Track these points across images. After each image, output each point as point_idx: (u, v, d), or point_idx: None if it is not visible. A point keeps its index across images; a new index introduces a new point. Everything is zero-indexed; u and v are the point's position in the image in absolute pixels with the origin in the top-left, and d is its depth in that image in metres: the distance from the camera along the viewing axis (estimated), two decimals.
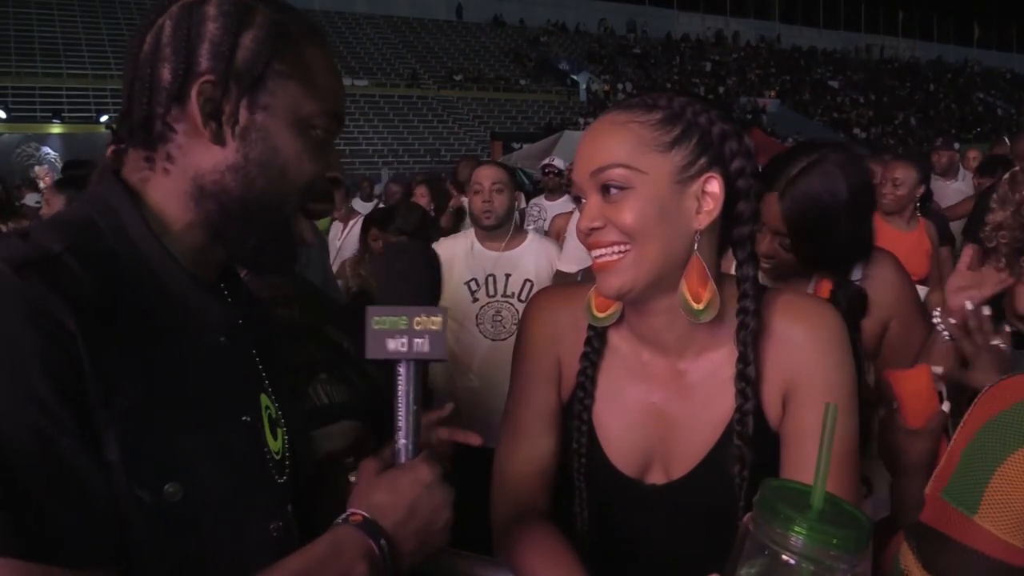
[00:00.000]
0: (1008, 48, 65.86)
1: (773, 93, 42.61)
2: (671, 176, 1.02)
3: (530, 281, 3.01)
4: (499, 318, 2.99)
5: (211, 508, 0.80)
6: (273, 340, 1.05)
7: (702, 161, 1.03)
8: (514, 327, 2.92)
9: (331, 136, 0.90)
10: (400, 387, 0.90)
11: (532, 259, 3.08)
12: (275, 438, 0.95)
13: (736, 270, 1.09)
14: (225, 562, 0.81)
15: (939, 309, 1.62)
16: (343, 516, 0.85)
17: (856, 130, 38.68)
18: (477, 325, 2.98)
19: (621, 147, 1.03)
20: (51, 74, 27.37)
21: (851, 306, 1.72)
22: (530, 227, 5.24)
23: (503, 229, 3.07)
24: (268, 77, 0.84)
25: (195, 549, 0.79)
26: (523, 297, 2.98)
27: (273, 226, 0.88)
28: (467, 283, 3.01)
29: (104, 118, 24.12)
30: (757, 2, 57.36)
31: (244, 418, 0.89)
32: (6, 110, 23.52)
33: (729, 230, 1.08)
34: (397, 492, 0.85)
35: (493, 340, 2.96)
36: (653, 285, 1.05)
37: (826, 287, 1.75)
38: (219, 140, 0.83)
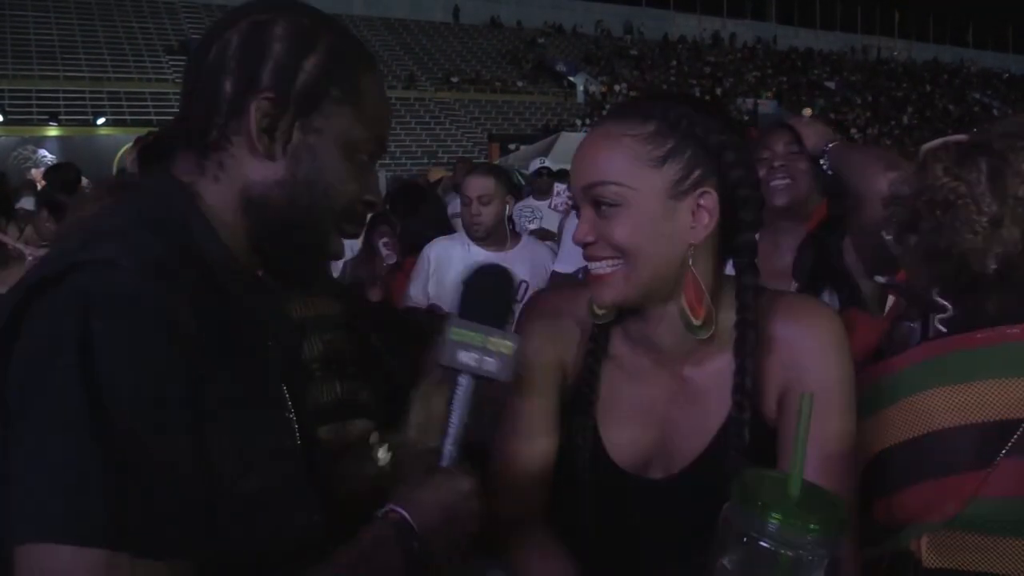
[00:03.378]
0: (1004, 48, 65.84)
1: (771, 94, 42.58)
2: (664, 191, 1.02)
3: (525, 283, 3.02)
4: None
5: (273, 497, 0.84)
6: (294, 334, 1.09)
7: (696, 174, 1.02)
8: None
9: (374, 160, 0.94)
10: (459, 396, 0.97)
11: (527, 261, 3.11)
12: None
13: (736, 279, 1.08)
14: (279, 547, 0.85)
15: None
16: (381, 512, 0.89)
17: (853, 131, 38.61)
18: None
19: (612, 163, 1.02)
20: (48, 76, 27.25)
21: None
22: (525, 230, 5.25)
23: (495, 236, 3.08)
24: (324, 101, 0.87)
25: (258, 536, 0.82)
26: (519, 299, 3.00)
27: (307, 242, 0.92)
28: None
29: (101, 120, 24.04)
30: (754, 3, 57.40)
31: (289, 415, 0.94)
32: (3, 113, 23.37)
33: (729, 238, 1.07)
34: (436, 494, 0.92)
35: None
36: (646, 296, 1.06)
37: None
38: (270, 155, 0.86)
